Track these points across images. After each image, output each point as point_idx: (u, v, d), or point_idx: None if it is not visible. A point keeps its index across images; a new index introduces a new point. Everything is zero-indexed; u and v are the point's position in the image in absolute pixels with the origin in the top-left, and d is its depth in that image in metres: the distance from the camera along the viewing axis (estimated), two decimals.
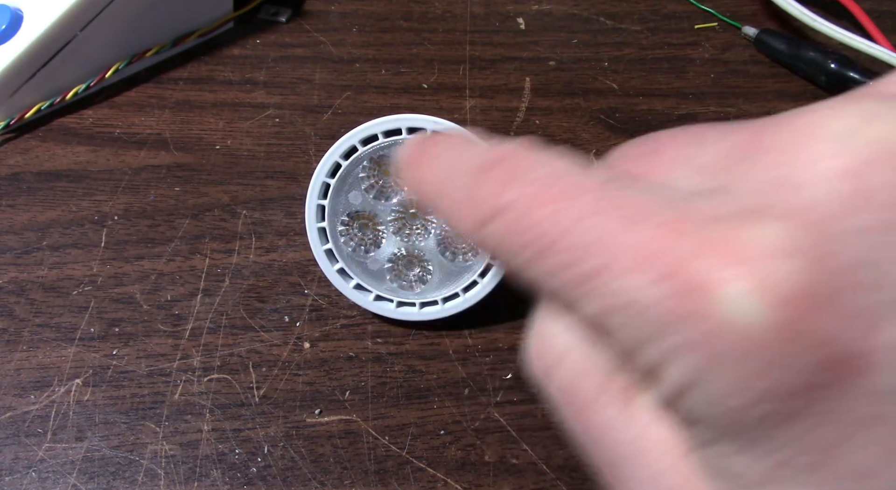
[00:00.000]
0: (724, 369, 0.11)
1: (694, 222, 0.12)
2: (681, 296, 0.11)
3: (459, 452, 0.29)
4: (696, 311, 0.11)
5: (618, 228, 0.12)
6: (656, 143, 0.15)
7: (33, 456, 0.28)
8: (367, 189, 0.30)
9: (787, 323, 0.11)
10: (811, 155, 0.11)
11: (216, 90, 0.40)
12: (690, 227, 0.12)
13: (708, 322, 0.11)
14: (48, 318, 0.32)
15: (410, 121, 0.28)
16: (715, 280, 0.11)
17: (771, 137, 0.12)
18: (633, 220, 0.12)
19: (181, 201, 0.36)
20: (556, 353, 0.15)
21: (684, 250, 0.11)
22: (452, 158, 0.16)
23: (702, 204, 0.12)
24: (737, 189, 0.12)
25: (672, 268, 0.11)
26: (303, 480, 0.28)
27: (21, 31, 0.37)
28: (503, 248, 0.14)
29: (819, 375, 0.11)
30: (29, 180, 0.36)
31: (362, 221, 0.30)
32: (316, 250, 0.30)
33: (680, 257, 0.11)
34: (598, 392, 0.14)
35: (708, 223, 0.11)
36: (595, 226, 0.12)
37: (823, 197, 0.11)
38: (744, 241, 0.11)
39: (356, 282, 0.30)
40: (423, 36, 0.43)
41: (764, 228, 0.11)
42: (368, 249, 0.31)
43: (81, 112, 0.39)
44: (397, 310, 0.30)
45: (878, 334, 0.11)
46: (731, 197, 0.12)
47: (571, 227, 0.13)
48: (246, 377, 0.30)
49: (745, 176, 0.12)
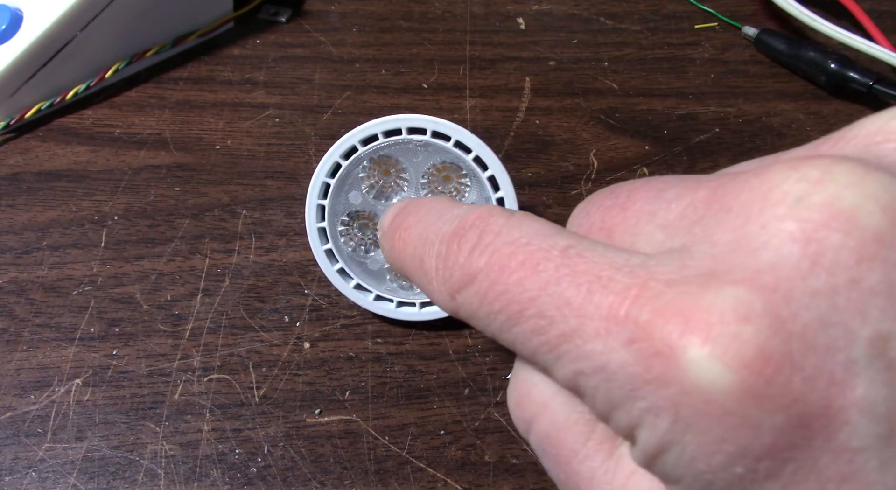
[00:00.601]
0: (692, 433, 0.11)
1: (654, 288, 0.12)
2: (646, 360, 0.11)
3: (459, 452, 0.29)
4: (662, 376, 0.11)
5: (581, 295, 0.13)
6: (621, 198, 0.15)
7: (33, 456, 0.28)
8: (366, 189, 0.30)
9: (750, 387, 0.11)
10: (766, 218, 0.12)
11: (216, 90, 0.40)
12: (651, 293, 0.12)
13: (674, 387, 0.11)
14: (48, 318, 0.32)
15: (410, 121, 0.28)
16: (678, 345, 0.11)
17: (729, 197, 0.13)
18: (595, 287, 0.12)
19: (181, 201, 0.36)
20: (536, 402, 0.15)
21: (647, 316, 0.12)
22: (426, 227, 0.17)
23: (662, 268, 0.12)
24: (697, 250, 0.12)
25: (636, 333, 0.12)
26: (303, 480, 0.28)
27: (21, 31, 0.37)
28: (477, 315, 0.15)
29: (786, 437, 0.11)
30: (29, 180, 0.36)
31: (362, 221, 0.30)
32: (316, 250, 0.30)
33: (643, 322, 0.12)
34: (581, 443, 0.14)
35: (669, 288, 0.12)
36: (559, 293, 0.13)
37: (778, 261, 0.11)
38: (704, 307, 0.11)
39: (356, 282, 0.30)
40: (423, 36, 0.43)
41: (723, 293, 0.11)
42: (368, 249, 0.31)
43: (81, 112, 0.39)
44: (397, 310, 0.30)
45: (841, 393, 0.11)
46: (691, 259, 0.12)
47: (537, 295, 0.13)
48: (246, 377, 0.30)
49: (704, 237, 0.13)
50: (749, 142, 0.38)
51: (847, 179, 0.12)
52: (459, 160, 0.29)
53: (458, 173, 0.29)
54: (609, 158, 0.37)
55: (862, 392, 0.11)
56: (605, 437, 0.14)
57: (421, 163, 0.29)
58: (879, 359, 0.11)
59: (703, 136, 0.39)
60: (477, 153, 0.28)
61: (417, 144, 0.29)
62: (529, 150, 0.38)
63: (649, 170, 0.37)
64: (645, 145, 0.38)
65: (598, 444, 0.14)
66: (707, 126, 0.39)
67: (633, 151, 0.38)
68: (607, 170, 0.37)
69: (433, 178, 0.30)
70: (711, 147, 0.38)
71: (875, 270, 0.11)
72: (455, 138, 0.28)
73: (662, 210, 0.14)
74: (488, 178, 0.28)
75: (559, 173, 0.37)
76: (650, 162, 0.37)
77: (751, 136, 0.38)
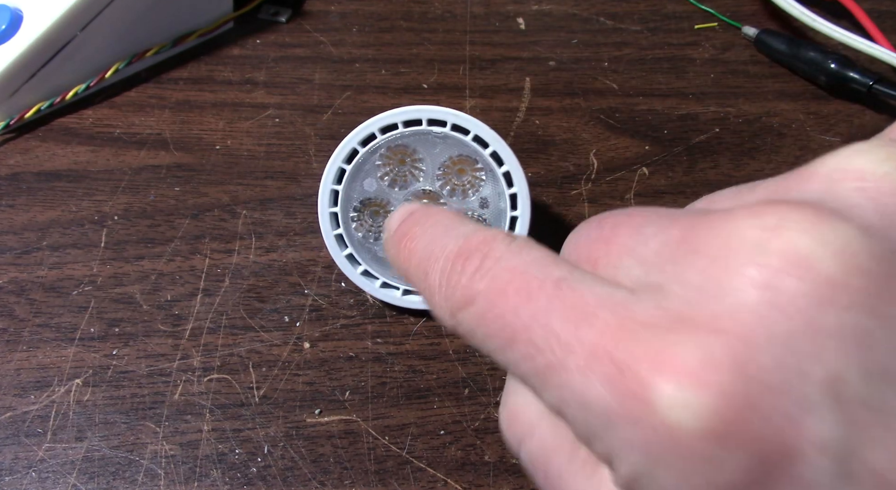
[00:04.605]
0: (662, 468, 0.12)
1: (631, 328, 0.13)
2: (621, 398, 0.12)
3: (459, 452, 0.29)
4: (635, 414, 0.12)
5: (568, 329, 0.13)
6: (605, 231, 0.16)
7: (33, 456, 0.28)
8: (382, 177, 0.30)
9: (713, 428, 0.12)
10: (729, 263, 0.13)
11: (216, 90, 0.40)
12: (628, 334, 0.13)
13: (645, 424, 0.12)
14: (48, 318, 0.32)
15: (432, 112, 0.29)
16: (650, 386, 0.12)
17: (699, 239, 0.14)
18: (581, 323, 0.13)
19: (181, 201, 0.36)
20: (526, 422, 0.16)
21: (623, 355, 0.12)
22: (432, 241, 0.17)
23: (639, 307, 0.13)
24: (670, 290, 0.13)
25: (613, 371, 0.12)
26: (303, 480, 0.28)
27: (21, 31, 0.37)
28: (474, 335, 0.15)
29: (748, 473, 0.12)
30: (29, 180, 0.36)
31: (374, 209, 0.31)
32: (326, 235, 0.30)
33: (620, 361, 0.12)
34: (566, 463, 0.15)
35: (644, 329, 0.13)
36: (549, 324, 0.14)
37: (739, 306, 0.12)
38: (673, 352, 0.12)
39: (364, 268, 0.30)
40: (423, 36, 0.43)
41: (689, 339, 0.12)
42: (378, 237, 0.31)
43: (81, 112, 0.39)
44: (403, 298, 0.31)
45: (797, 431, 0.11)
46: (665, 299, 0.13)
47: (529, 324, 0.14)
48: (246, 377, 0.30)
49: (675, 277, 0.13)
50: (749, 142, 0.38)
51: (802, 226, 0.12)
52: (476, 154, 0.29)
53: (473, 167, 0.30)
54: (609, 158, 0.38)
55: (816, 430, 0.11)
56: (587, 459, 0.15)
57: (438, 154, 0.30)
58: (834, 399, 0.11)
59: (703, 136, 0.39)
60: (494, 148, 0.29)
61: (436, 136, 0.29)
62: (529, 150, 0.38)
63: (649, 170, 0.37)
64: (645, 145, 0.38)
65: (581, 466, 0.15)
66: (707, 126, 0.39)
67: (632, 151, 0.38)
68: (607, 170, 0.37)
69: (448, 170, 0.30)
70: (711, 147, 0.38)
71: (829, 314, 0.12)
72: (474, 132, 0.29)
73: (640, 245, 0.15)
74: (503, 173, 0.29)
75: (559, 173, 0.37)
76: (650, 162, 0.37)
77: (751, 136, 0.38)
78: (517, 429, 0.16)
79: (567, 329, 0.13)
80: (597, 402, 0.13)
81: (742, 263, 0.12)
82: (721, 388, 0.12)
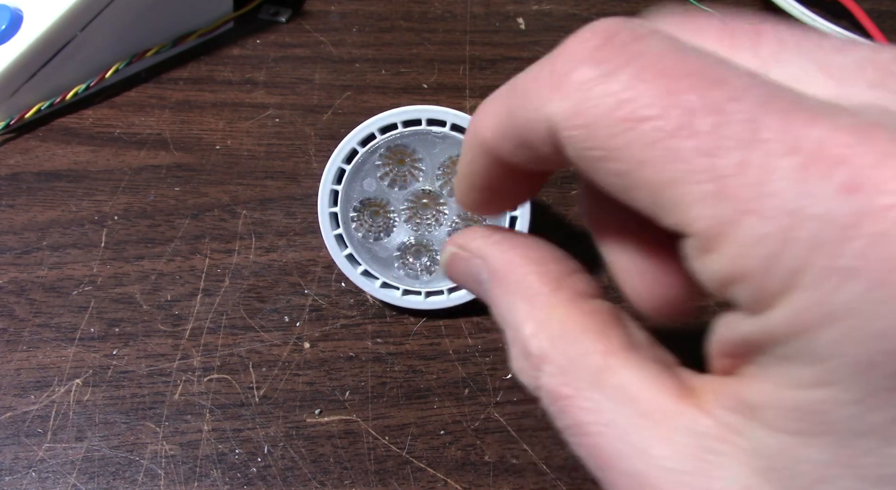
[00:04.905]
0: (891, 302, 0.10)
1: (875, 133, 0.10)
2: (861, 213, 0.10)
3: (459, 452, 0.29)
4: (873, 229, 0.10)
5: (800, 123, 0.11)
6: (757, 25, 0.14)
7: (33, 456, 0.28)
8: (381, 177, 0.30)
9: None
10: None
11: (216, 90, 0.40)
12: (876, 138, 0.10)
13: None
14: (48, 318, 0.32)
15: (431, 112, 0.29)
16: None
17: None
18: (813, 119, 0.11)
19: (181, 201, 0.36)
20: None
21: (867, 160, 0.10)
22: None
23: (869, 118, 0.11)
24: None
25: (858, 180, 0.10)
26: (303, 480, 0.28)
27: (21, 31, 0.37)
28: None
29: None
30: (29, 180, 0.36)
31: (373, 209, 0.31)
32: (326, 235, 0.30)
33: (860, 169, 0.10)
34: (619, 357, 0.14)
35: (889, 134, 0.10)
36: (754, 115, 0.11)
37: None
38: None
39: (363, 268, 0.30)
40: (423, 36, 0.43)
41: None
42: (378, 237, 0.31)
43: (81, 112, 0.39)
44: (403, 298, 0.31)
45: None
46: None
47: (722, 108, 0.11)
48: (246, 377, 0.30)
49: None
50: None
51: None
52: None
53: None
54: None
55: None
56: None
57: (438, 154, 0.30)
58: None
59: None
60: None
61: (436, 136, 0.29)
62: None
63: None
64: None
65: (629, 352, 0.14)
66: None
67: None
68: None
69: (448, 170, 0.30)
70: None
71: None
72: None
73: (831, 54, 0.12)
74: None
75: (559, 173, 0.37)
76: None
77: None
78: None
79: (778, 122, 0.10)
80: (824, 212, 0.10)
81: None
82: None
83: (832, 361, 0.10)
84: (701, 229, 0.11)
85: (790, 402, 0.11)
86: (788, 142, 0.10)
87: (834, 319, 0.10)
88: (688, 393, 0.13)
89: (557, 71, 0.13)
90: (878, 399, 0.10)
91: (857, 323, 0.10)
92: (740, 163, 0.10)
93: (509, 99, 0.14)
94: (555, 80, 0.13)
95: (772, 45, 0.12)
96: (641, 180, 0.12)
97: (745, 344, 0.12)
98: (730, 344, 0.12)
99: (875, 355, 0.10)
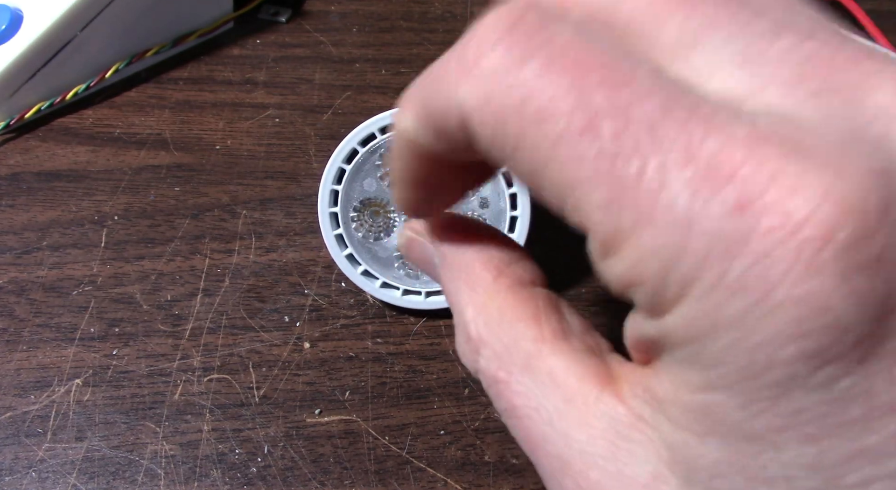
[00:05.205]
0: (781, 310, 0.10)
1: (758, 145, 0.10)
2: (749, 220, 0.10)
3: (459, 452, 0.29)
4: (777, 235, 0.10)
5: (675, 129, 0.11)
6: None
7: (33, 456, 0.28)
8: (382, 176, 0.30)
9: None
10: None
11: (216, 90, 0.40)
12: (757, 154, 0.10)
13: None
14: (48, 318, 0.32)
15: None
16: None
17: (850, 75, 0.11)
18: (695, 124, 0.11)
19: (181, 201, 0.36)
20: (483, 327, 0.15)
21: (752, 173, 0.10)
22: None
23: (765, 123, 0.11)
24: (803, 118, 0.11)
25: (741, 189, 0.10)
26: (303, 480, 0.28)
27: (21, 31, 0.37)
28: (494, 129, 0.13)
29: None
30: (29, 180, 0.36)
31: (373, 209, 0.31)
32: (326, 235, 0.30)
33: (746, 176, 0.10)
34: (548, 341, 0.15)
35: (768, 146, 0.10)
36: (648, 119, 0.11)
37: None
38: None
39: (364, 268, 0.30)
40: (423, 36, 0.43)
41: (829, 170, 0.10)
42: (378, 236, 0.31)
43: (81, 112, 0.39)
44: (403, 298, 0.31)
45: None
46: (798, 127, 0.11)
47: (615, 112, 0.11)
48: (246, 377, 0.30)
49: (824, 108, 0.11)
50: None
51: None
52: None
53: None
54: None
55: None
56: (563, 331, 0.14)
57: None
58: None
59: None
60: None
61: None
62: None
63: None
64: None
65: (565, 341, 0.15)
66: None
67: None
68: None
69: None
70: None
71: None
72: None
73: (751, 42, 0.12)
74: (503, 173, 0.29)
75: None
76: None
77: None
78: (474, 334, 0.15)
79: (673, 128, 0.11)
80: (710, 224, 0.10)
81: None
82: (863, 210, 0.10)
83: (720, 368, 0.11)
84: (601, 234, 0.11)
85: (688, 402, 0.11)
86: (683, 153, 0.10)
87: (720, 330, 0.10)
88: (611, 380, 0.14)
89: (467, 57, 0.12)
90: (759, 406, 0.10)
91: (741, 334, 0.10)
92: (638, 172, 0.11)
93: (424, 87, 0.14)
94: (463, 67, 0.13)
95: (703, 18, 0.12)
96: (547, 178, 0.12)
97: (648, 341, 0.12)
98: (635, 340, 0.13)
99: (755, 365, 0.10)
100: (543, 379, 0.14)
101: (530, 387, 0.14)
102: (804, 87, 0.11)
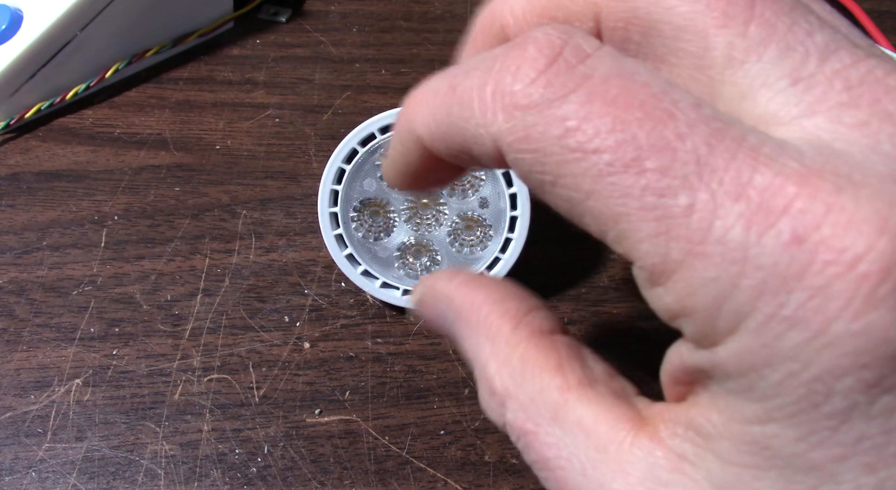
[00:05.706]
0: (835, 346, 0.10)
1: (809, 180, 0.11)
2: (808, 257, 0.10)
3: (459, 452, 0.29)
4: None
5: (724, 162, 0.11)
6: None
7: (33, 456, 0.28)
8: (381, 176, 0.30)
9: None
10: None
11: (216, 90, 0.40)
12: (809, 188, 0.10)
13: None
14: (48, 318, 0.32)
15: None
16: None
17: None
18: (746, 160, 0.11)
19: (181, 201, 0.36)
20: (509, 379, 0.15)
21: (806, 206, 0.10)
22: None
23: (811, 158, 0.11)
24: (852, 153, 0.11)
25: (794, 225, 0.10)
26: (303, 480, 0.28)
27: (21, 31, 0.37)
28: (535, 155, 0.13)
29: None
30: (29, 180, 0.36)
31: (373, 209, 0.31)
32: (326, 235, 0.30)
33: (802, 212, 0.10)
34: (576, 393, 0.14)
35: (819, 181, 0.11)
36: (698, 150, 0.11)
37: None
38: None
39: (364, 268, 0.30)
40: (423, 36, 0.43)
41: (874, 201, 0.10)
42: (378, 236, 0.31)
43: (81, 112, 0.39)
44: (403, 298, 0.31)
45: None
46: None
47: (665, 145, 0.12)
48: (246, 377, 0.30)
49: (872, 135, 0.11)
50: None
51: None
52: None
53: None
54: None
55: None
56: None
57: None
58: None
59: None
60: None
61: None
62: None
63: None
64: None
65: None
66: None
67: None
68: None
69: None
70: None
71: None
72: None
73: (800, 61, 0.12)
74: (503, 173, 0.29)
75: None
76: None
77: None
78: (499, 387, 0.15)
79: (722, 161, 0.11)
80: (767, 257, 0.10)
81: None
82: None
83: (777, 400, 0.11)
84: (649, 265, 0.11)
85: (741, 435, 0.11)
86: (734, 187, 0.11)
87: (777, 362, 0.10)
88: (642, 423, 0.13)
89: (503, 90, 0.13)
90: (819, 437, 0.10)
91: (798, 367, 0.10)
92: (688, 205, 0.11)
93: (449, 104, 0.14)
94: (500, 100, 0.13)
95: (762, 30, 0.12)
96: (589, 209, 0.12)
97: (696, 371, 0.12)
98: (680, 371, 0.13)
99: (815, 395, 0.10)
100: (573, 428, 0.14)
101: (560, 437, 0.14)
102: (853, 115, 0.11)
